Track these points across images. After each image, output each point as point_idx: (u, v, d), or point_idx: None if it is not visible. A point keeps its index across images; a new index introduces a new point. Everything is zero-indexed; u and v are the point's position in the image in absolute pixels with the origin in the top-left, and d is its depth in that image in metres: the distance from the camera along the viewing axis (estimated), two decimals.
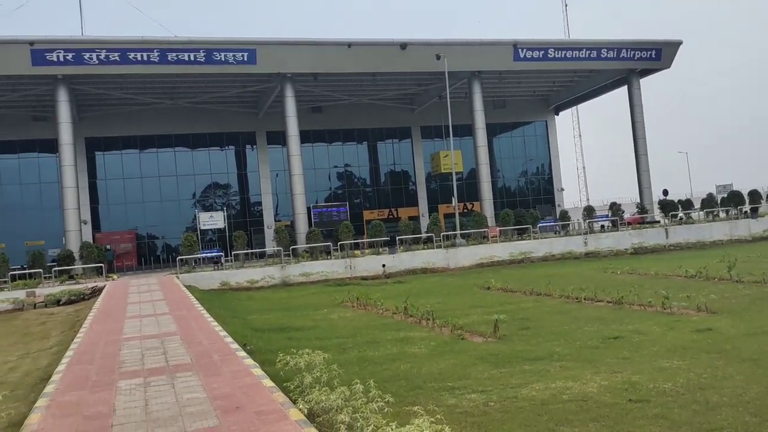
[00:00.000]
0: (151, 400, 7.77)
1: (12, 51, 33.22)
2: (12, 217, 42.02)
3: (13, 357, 14.93)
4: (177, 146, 46.37)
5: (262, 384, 8.26)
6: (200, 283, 29.55)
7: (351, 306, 20.69)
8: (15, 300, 27.50)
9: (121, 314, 17.40)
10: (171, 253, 44.20)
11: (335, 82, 43.02)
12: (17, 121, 41.44)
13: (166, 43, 35.48)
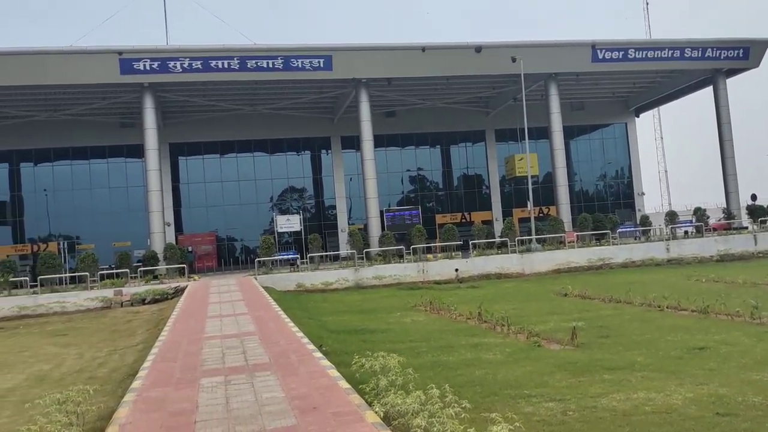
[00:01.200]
0: (231, 398, 8.00)
1: (102, 60, 34.96)
2: (101, 219, 44.17)
3: (102, 353, 15.69)
4: (256, 151, 47.63)
5: (338, 385, 8.37)
6: (277, 284, 30.20)
7: (424, 310, 20.67)
8: (104, 298, 28.89)
9: (203, 314, 17.99)
10: (249, 254, 45.38)
11: (409, 86, 43.16)
12: (106, 128, 43.52)
13: (245, 51, 36.53)
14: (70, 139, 43.49)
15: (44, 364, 14.59)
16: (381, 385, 7.85)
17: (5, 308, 27.36)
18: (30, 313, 28.21)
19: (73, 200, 44.37)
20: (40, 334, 21.25)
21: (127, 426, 7.08)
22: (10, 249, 42.81)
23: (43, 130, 42.31)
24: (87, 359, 14.90)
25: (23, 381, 12.73)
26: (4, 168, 44.28)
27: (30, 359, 15.68)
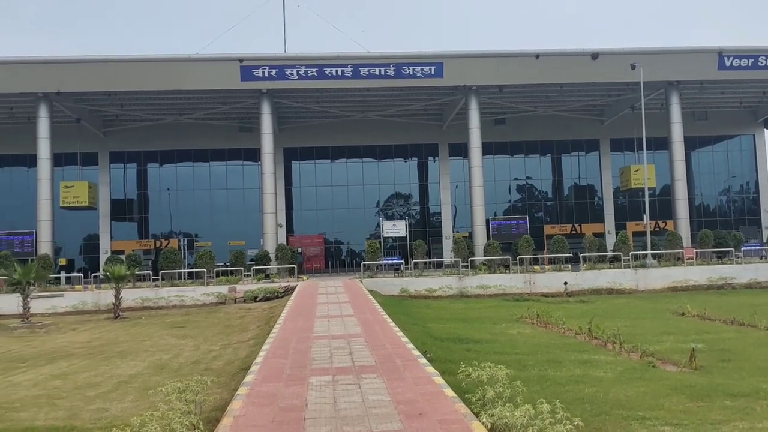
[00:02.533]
0: (339, 398, 8.15)
1: (224, 68, 36.81)
2: (218, 219, 46.44)
3: (217, 346, 16.44)
4: (365, 157, 48.47)
5: (444, 393, 8.34)
6: (382, 288, 30.53)
7: (530, 322, 20.22)
8: (219, 294, 30.31)
9: (311, 314, 18.48)
10: (355, 257, 46.19)
11: (520, 93, 42.52)
12: (226, 132, 45.72)
13: (358, 59, 37.30)
14: (193, 142, 46.02)
15: (164, 354, 15.47)
16: (488, 396, 7.75)
17: (129, 299, 29.22)
18: (151, 305, 30.05)
19: (194, 200, 46.92)
20: (160, 325, 22.58)
21: (240, 418, 7.37)
22: (135, 244, 45.82)
23: (169, 132, 45.04)
24: (203, 351, 15.67)
25: (145, 368, 13.55)
26: (132, 168, 47.50)
27: (151, 348, 16.67)
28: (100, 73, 36.55)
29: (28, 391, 11.41)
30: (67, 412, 9.72)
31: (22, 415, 9.62)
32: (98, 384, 11.86)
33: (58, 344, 18.54)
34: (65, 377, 12.75)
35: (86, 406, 10.07)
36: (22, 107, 40.10)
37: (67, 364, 14.57)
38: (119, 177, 47.26)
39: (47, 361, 15.19)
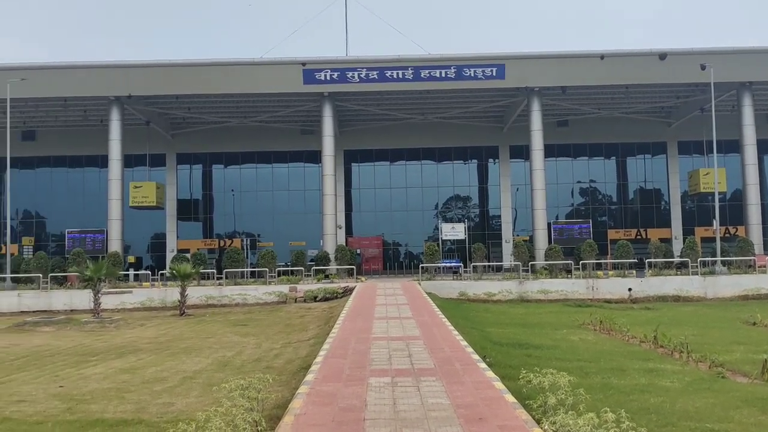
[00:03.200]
0: (398, 400, 8.17)
1: (287, 71, 37.45)
2: (280, 220, 47.24)
3: (278, 345, 16.72)
4: (424, 159, 48.43)
5: (504, 398, 8.25)
6: (440, 291, 30.43)
7: (593, 329, 19.79)
8: (280, 293, 30.83)
9: (370, 315, 18.58)
10: (413, 260, 46.18)
11: (584, 95, 41.68)
12: (288, 134, 46.47)
13: (419, 61, 37.32)
14: (256, 144, 46.97)
15: (227, 351, 15.83)
16: (549, 403, 7.62)
17: (194, 297, 30.02)
18: (215, 303, 30.81)
19: (256, 201, 47.88)
20: (223, 323, 23.12)
21: (301, 417, 7.47)
22: (200, 243, 47.08)
23: (234, 135, 46.10)
24: (264, 349, 15.96)
25: (209, 365, 13.90)
26: (198, 169, 48.83)
27: (214, 345, 17.09)
28: (168, 77, 37.74)
29: (99, 384, 11.85)
30: (135, 405, 10.05)
31: (93, 407, 10.01)
32: (164, 379, 12.23)
33: (126, 339, 19.22)
34: (133, 371, 13.20)
35: (153, 400, 10.40)
36: (95, 110, 41.79)
37: (135, 358, 15.08)
38: (185, 178, 48.65)
39: (117, 355, 15.75)
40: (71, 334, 21.03)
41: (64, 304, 30.64)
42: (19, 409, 9.86)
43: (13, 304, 30.89)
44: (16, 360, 15.44)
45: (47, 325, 23.23)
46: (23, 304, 30.84)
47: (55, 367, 14.07)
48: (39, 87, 37.37)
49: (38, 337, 20.37)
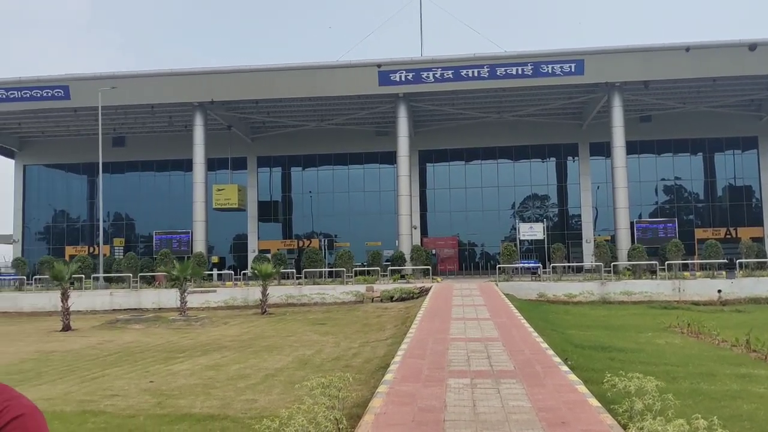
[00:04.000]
0: (478, 402, 8.10)
1: (363, 73, 37.79)
2: (356, 220, 47.73)
3: (356, 344, 16.89)
4: (500, 158, 47.84)
5: (587, 402, 8.05)
6: (518, 292, 29.99)
7: (680, 332, 19.01)
8: (357, 293, 31.14)
9: (447, 315, 18.51)
10: (489, 260, 45.72)
11: (668, 89, 40.14)
12: (363, 136, 46.91)
13: (495, 59, 36.90)
14: (333, 147, 47.64)
15: (307, 350, 16.12)
16: (636, 408, 7.37)
17: (275, 296, 30.71)
18: (295, 301, 31.44)
19: (333, 202, 48.56)
20: (303, 322, 23.56)
21: (381, 416, 7.53)
22: (280, 243, 48.16)
23: (311, 138, 46.93)
24: (343, 348, 16.16)
25: (290, 363, 14.18)
26: (277, 171, 49.98)
27: (295, 344, 17.43)
28: (248, 82, 38.81)
29: (186, 380, 12.30)
30: (221, 401, 10.37)
31: (181, 402, 10.39)
32: (248, 376, 12.57)
33: (211, 337, 19.87)
34: (218, 368, 13.62)
35: (237, 396, 10.70)
36: (180, 116, 43.46)
37: (220, 356, 15.56)
38: (266, 180, 49.88)
39: (202, 352, 16.31)
40: (159, 332, 21.93)
41: (153, 303, 31.98)
42: (113, 403, 10.34)
43: (106, 302, 32.50)
44: (110, 356, 16.23)
45: (137, 322, 24.32)
46: (115, 303, 32.40)
47: (146, 363, 14.69)
48: (128, 95, 39.22)
49: (129, 334, 21.35)
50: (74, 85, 39.61)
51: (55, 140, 49.69)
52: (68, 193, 51.82)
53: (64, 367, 14.55)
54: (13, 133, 49.03)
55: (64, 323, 23.33)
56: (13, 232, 51.29)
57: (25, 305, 32.45)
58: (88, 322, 25.87)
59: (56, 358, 16.02)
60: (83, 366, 14.56)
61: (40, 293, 34.09)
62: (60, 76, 40.20)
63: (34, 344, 19.35)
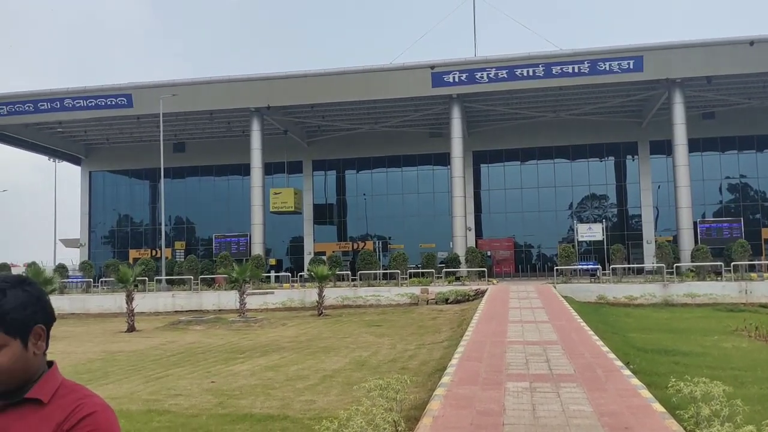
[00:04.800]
0: (537, 406, 8.00)
1: (415, 75, 37.79)
2: (410, 222, 47.76)
3: (412, 346, 16.89)
4: (557, 158, 47.08)
5: (651, 407, 7.85)
6: (576, 294, 29.45)
7: (747, 335, 18.31)
8: (411, 295, 31.13)
9: (504, 318, 18.33)
10: (546, 262, 45.04)
11: (732, 84, 38.75)
12: (416, 138, 46.90)
13: (550, 57, 36.36)
14: (386, 149, 47.80)
15: (363, 351, 16.21)
16: (702, 413, 7.15)
17: (331, 298, 30.99)
18: (350, 303, 31.64)
19: (387, 204, 48.71)
20: (358, 323, 23.70)
21: (439, 419, 7.52)
22: (335, 246, 48.57)
23: (365, 141, 47.21)
24: (399, 350, 16.18)
25: (347, 364, 14.29)
26: (332, 174, 50.46)
27: (351, 345, 17.55)
28: (304, 87, 39.31)
29: (246, 381, 12.54)
30: (280, 401, 10.53)
31: (242, 402, 10.59)
32: (306, 377, 12.72)
33: (269, 338, 20.20)
34: (277, 369, 13.84)
35: (296, 397, 10.84)
36: (238, 122, 44.36)
37: (279, 356, 15.81)
38: (321, 183, 50.43)
39: (261, 353, 16.59)
40: (220, 333, 22.42)
41: (213, 304, 32.71)
42: (177, 403, 10.63)
43: (168, 304, 33.42)
44: (173, 356, 16.68)
45: (198, 323, 24.92)
46: (177, 304, 33.28)
47: (207, 364, 15.04)
48: (188, 102, 40.28)
49: (191, 335, 21.89)
50: (137, 93, 40.93)
51: (118, 147, 51.45)
52: (131, 198, 53.56)
53: (130, 367, 15.03)
54: (79, 140, 51.00)
55: (128, 324, 24.09)
56: (80, 236, 53.32)
57: (92, 307, 33.66)
58: (152, 323, 26.66)
59: (122, 358, 16.57)
60: (148, 366, 15.00)
61: (106, 295, 35.32)
62: (123, 84, 41.62)
63: (101, 345, 20.05)
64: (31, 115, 42.80)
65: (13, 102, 42.29)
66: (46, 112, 42.43)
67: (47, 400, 1.73)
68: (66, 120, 43.95)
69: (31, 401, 1.72)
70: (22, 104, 42.20)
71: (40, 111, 42.37)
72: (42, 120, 43.88)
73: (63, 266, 42.22)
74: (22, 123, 44.04)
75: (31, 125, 45.28)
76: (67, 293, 35.99)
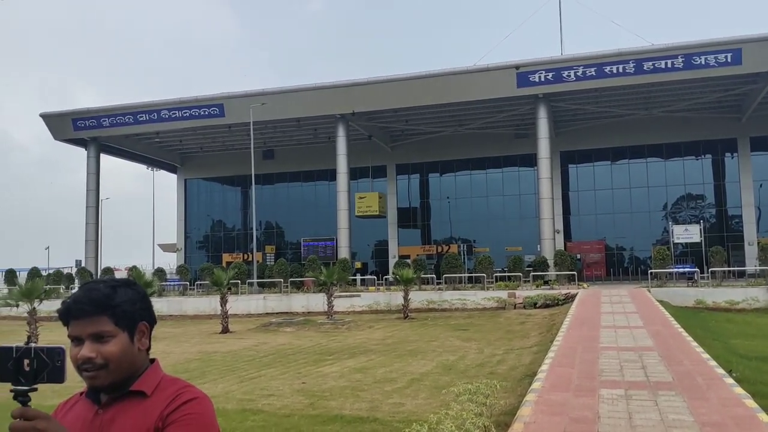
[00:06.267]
0: (634, 414, 7.73)
1: (500, 76, 37.36)
2: (495, 225, 47.20)
3: (500, 351, 16.68)
4: (649, 157, 45.35)
5: (757, 417, 7.42)
6: (672, 298, 28.21)
7: None
8: (498, 299, 30.74)
9: (596, 323, 17.81)
10: (639, 265, 43.42)
11: None
12: (501, 139, 46.32)
13: (641, 53, 35.11)
14: (470, 151, 47.46)
15: (450, 355, 16.15)
16: None
17: (416, 301, 31.04)
18: (436, 307, 31.58)
19: (472, 207, 48.35)
20: (444, 327, 23.63)
21: (531, 425, 7.38)
22: (419, 249, 48.64)
23: (448, 143, 47.07)
24: (486, 355, 16.02)
25: (434, 368, 14.27)
26: (415, 178, 50.59)
27: (438, 349, 17.52)
28: (387, 92, 39.61)
29: (335, 382, 12.75)
30: (369, 404, 10.64)
31: (332, 403, 10.78)
32: (394, 380, 12.80)
33: (357, 340, 20.45)
34: (365, 371, 13.99)
35: (385, 399, 10.93)
36: (324, 128, 45.23)
37: (366, 359, 15.98)
38: (404, 187, 50.66)
39: (349, 355, 16.83)
40: (309, 334, 22.90)
41: (302, 307, 33.43)
42: (270, 403, 10.93)
43: (260, 306, 34.43)
44: (265, 357, 17.17)
45: (288, 325, 25.54)
46: (268, 306, 34.23)
47: (298, 365, 15.40)
48: (276, 110, 41.43)
49: (282, 337, 22.47)
50: (228, 103, 42.48)
51: (211, 155, 53.53)
52: (224, 204, 55.60)
53: (225, 367, 15.58)
54: (175, 149, 53.42)
55: (223, 326, 24.98)
56: (177, 241, 55.84)
57: (188, 309, 35.13)
58: (244, 324, 27.54)
59: (217, 359, 17.20)
60: (241, 366, 15.51)
61: (201, 297, 36.77)
62: (215, 95, 43.30)
63: (197, 345, 20.90)
64: (131, 127, 45.23)
65: (114, 114, 44.82)
66: (145, 123, 44.73)
67: (150, 393, 1.83)
68: (163, 130, 46.16)
69: (135, 394, 1.83)
70: (122, 116, 44.67)
71: (139, 122, 44.72)
72: (141, 131, 46.27)
73: (161, 270, 44.32)
74: (122, 134, 46.58)
75: (131, 136, 47.81)
76: (165, 296, 37.70)
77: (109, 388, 1.82)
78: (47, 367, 1.50)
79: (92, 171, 47.39)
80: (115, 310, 1.83)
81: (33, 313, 22.21)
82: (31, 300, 22.26)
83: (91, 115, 45.33)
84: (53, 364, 1.51)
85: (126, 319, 1.85)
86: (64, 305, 1.84)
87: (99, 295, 1.83)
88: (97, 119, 45.00)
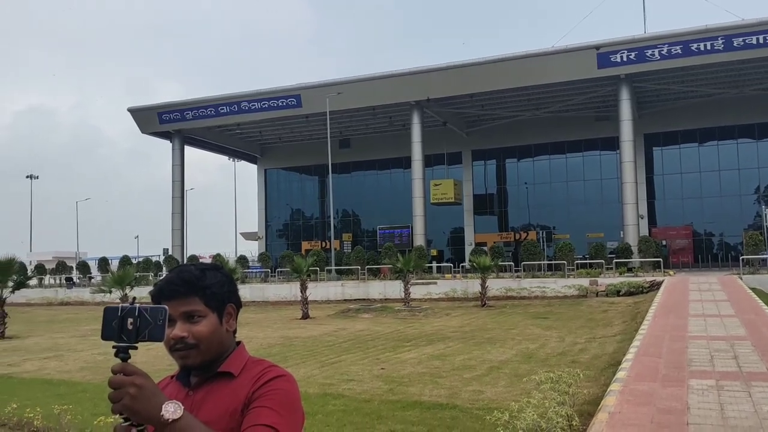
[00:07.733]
0: (726, 405, 7.41)
1: (580, 57, 36.27)
2: (575, 210, 46.06)
3: (582, 339, 16.31)
4: (740, 137, 43.07)
5: None
6: (765, 286, 26.80)
7: None
8: (579, 287, 30.04)
9: (684, 311, 17.15)
10: (729, 251, 41.47)
11: None
12: (581, 122, 45.05)
13: (731, 29, 33.33)
14: (549, 135, 46.41)
15: (530, 343, 15.92)
16: None
17: (494, 289, 30.72)
18: (514, 294, 31.18)
19: (550, 192, 47.34)
20: (523, 315, 23.31)
21: (616, 415, 7.20)
22: (496, 236, 48.08)
23: (526, 128, 46.17)
24: (567, 343, 15.70)
25: (513, 356, 14.11)
26: (492, 164, 49.95)
27: (517, 337, 17.30)
28: (463, 77, 39.17)
29: (414, 368, 12.80)
30: (448, 390, 10.63)
31: (411, 389, 10.83)
32: (472, 367, 12.74)
33: (434, 327, 20.47)
34: (443, 358, 13.99)
35: (464, 387, 10.89)
36: (399, 116, 45.26)
37: (444, 346, 15.97)
38: (480, 173, 50.12)
39: (427, 342, 16.86)
40: (387, 321, 23.09)
41: (379, 293, 33.73)
42: (350, 387, 11.09)
43: (338, 292, 34.97)
44: (344, 342, 17.44)
45: (366, 312, 25.85)
46: (346, 293, 34.72)
47: (376, 351, 15.55)
48: (352, 99, 41.74)
49: (360, 323, 22.76)
50: (305, 94, 43.14)
51: (289, 145, 54.60)
52: (302, 193, 56.66)
53: (306, 352, 15.92)
54: (255, 140, 54.78)
55: (303, 312, 25.51)
56: (258, 230, 57.39)
57: (270, 295, 36.07)
58: (324, 311, 28.06)
59: (298, 344, 17.59)
60: (321, 351, 15.81)
61: (282, 284, 37.67)
62: (292, 86, 44.05)
63: (279, 330, 21.44)
64: (212, 119, 46.67)
65: (197, 107, 46.35)
66: (226, 115, 46.04)
67: (237, 373, 1.88)
68: (243, 122, 47.38)
69: (223, 375, 1.88)
70: (204, 109, 46.14)
71: (220, 114, 46.08)
72: (222, 123, 47.66)
73: (243, 257, 45.68)
74: (205, 126, 48.13)
75: (213, 128, 49.34)
76: (247, 283, 38.84)
77: (199, 368, 1.88)
78: (149, 326, 1.56)
79: (177, 163, 49.23)
80: (205, 291, 1.88)
81: (125, 299, 23.36)
82: (123, 287, 23.40)
83: (175, 108, 47.05)
84: (155, 323, 1.57)
85: (215, 301, 1.90)
86: (157, 286, 1.91)
87: (190, 276, 1.89)
88: (181, 112, 46.65)
